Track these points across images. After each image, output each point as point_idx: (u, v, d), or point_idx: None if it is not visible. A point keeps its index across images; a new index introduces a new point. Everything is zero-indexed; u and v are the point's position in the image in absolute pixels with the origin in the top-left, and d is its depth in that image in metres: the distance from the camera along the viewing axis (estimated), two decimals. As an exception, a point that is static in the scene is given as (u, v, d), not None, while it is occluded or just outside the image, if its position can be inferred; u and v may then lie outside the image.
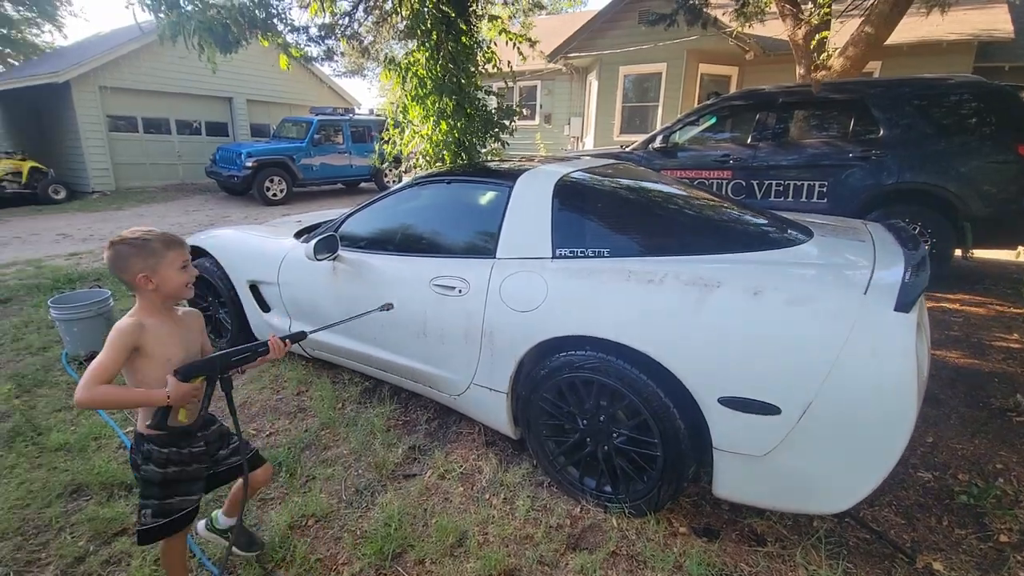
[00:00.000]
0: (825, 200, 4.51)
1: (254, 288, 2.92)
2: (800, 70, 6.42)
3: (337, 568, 1.69)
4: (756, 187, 4.77)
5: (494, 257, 2.04)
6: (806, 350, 1.41)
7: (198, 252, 3.20)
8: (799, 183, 4.61)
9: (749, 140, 4.86)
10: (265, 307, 2.93)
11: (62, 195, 10.61)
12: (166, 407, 1.27)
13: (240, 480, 1.52)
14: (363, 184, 12.57)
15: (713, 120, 5.21)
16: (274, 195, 10.33)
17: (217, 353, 1.39)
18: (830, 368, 1.37)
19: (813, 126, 4.89)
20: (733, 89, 10.10)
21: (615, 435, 1.81)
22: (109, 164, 11.56)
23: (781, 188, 4.69)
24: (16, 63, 17.58)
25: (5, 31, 18.15)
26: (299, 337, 1.57)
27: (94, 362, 1.21)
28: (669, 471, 1.70)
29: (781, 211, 3.15)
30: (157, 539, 1.39)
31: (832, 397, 1.38)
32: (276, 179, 10.32)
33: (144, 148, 12.31)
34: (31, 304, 4.21)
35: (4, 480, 2.10)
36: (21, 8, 18.42)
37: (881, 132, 4.31)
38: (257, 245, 2.95)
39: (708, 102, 5.33)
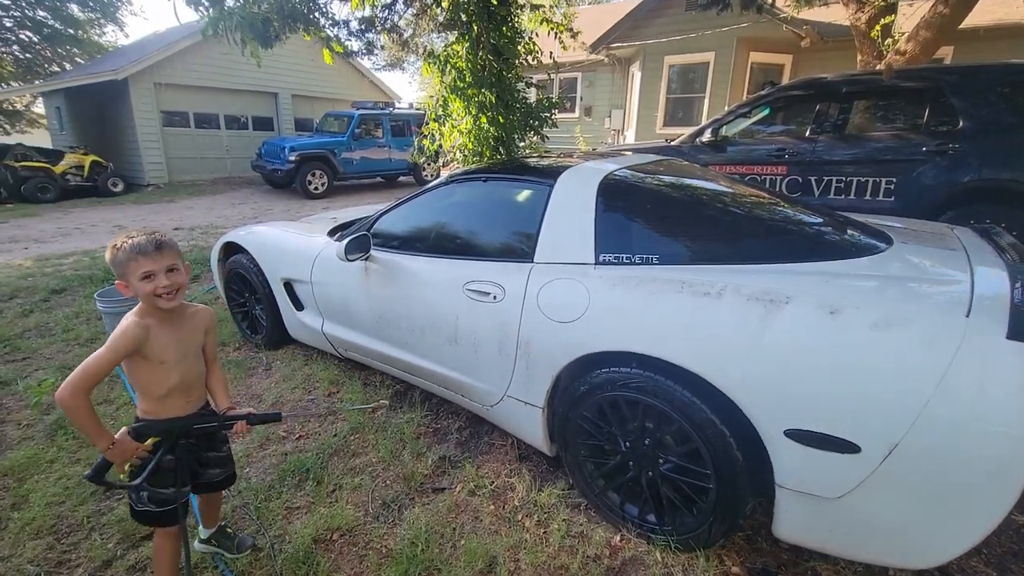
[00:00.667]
0: (892, 199, 4.14)
1: (288, 286, 2.89)
2: (861, 57, 5.96)
3: (361, 589, 1.61)
4: (814, 184, 4.42)
5: (532, 262, 1.90)
6: (895, 382, 1.21)
7: (236, 248, 3.20)
8: (863, 180, 4.25)
9: (807, 133, 4.52)
10: (299, 305, 2.89)
11: (120, 188, 11.12)
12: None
13: (207, 496, 1.66)
14: (402, 178, 12.65)
15: (767, 111, 4.88)
16: (315, 188, 10.49)
17: (178, 417, 1.40)
18: (924, 405, 1.17)
19: (880, 117, 4.50)
20: (786, 79, 9.55)
21: (662, 461, 1.65)
22: (163, 158, 12.04)
23: (842, 185, 4.33)
24: (82, 61, 18.56)
25: (72, 31, 19.15)
26: (272, 419, 1.52)
27: (91, 358, 1.23)
28: (723, 506, 1.52)
29: (841, 211, 2.88)
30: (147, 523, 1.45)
31: (925, 438, 1.18)
32: (318, 172, 10.48)
33: (195, 142, 12.76)
34: (83, 295, 4.36)
35: (44, 475, 2.12)
36: (86, 9, 19.40)
37: (960, 123, 3.91)
38: (291, 242, 2.91)
39: (763, 92, 4.99)
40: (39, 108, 19.53)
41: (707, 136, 4.92)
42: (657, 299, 1.56)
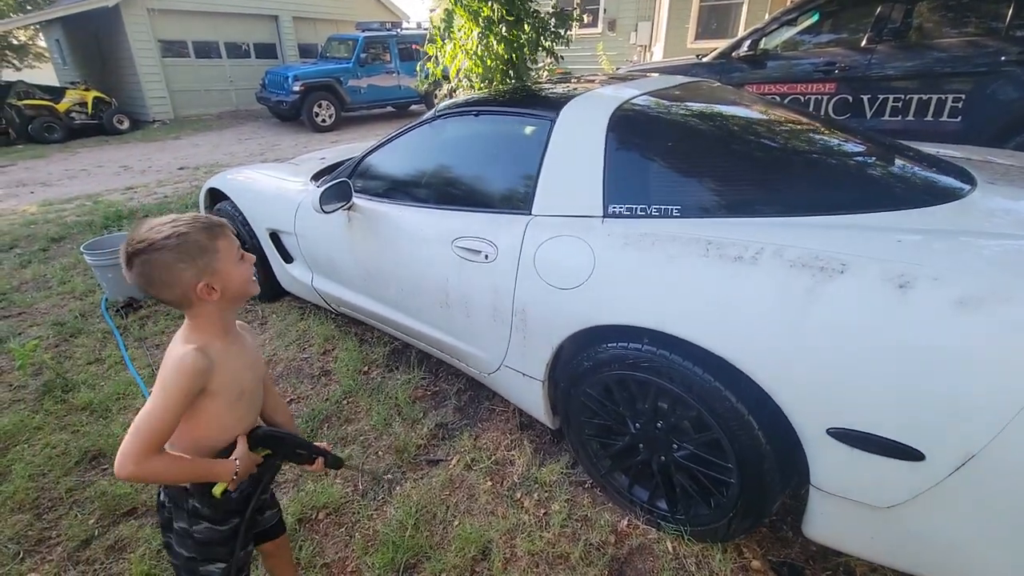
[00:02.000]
0: (959, 119, 3.59)
1: (275, 236, 2.66)
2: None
3: (344, 576, 1.50)
4: (867, 103, 3.87)
5: (530, 213, 1.61)
6: (979, 379, 0.94)
7: (220, 195, 2.97)
8: (925, 97, 3.68)
9: (863, 42, 3.89)
10: (288, 257, 2.68)
11: (126, 125, 10.83)
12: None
13: (275, 547, 1.28)
14: (414, 107, 12.00)
15: (816, 17, 4.21)
16: (323, 121, 10.03)
17: (290, 433, 1.12)
18: (1018, 412, 0.90)
19: (951, 20, 3.81)
20: (839, -22, 8.38)
21: (676, 447, 1.44)
22: (166, 92, 11.61)
23: (899, 104, 3.78)
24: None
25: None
26: (334, 465, 1.18)
27: (144, 419, 0.86)
28: (745, 503, 1.32)
29: (897, 135, 2.44)
30: None
31: (1014, 451, 0.92)
32: (324, 103, 9.96)
33: (197, 74, 12.24)
34: (82, 243, 4.24)
35: (29, 444, 2.05)
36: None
37: (1052, 25, 3.27)
38: (274, 189, 2.65)
39: (812, -7, 4.29)
40: (43, 42, 18.94)
41: (744, 50, 4.32)
42: (675, 263, 1.27)
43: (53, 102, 10.13)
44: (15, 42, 19.74)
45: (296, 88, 9.62)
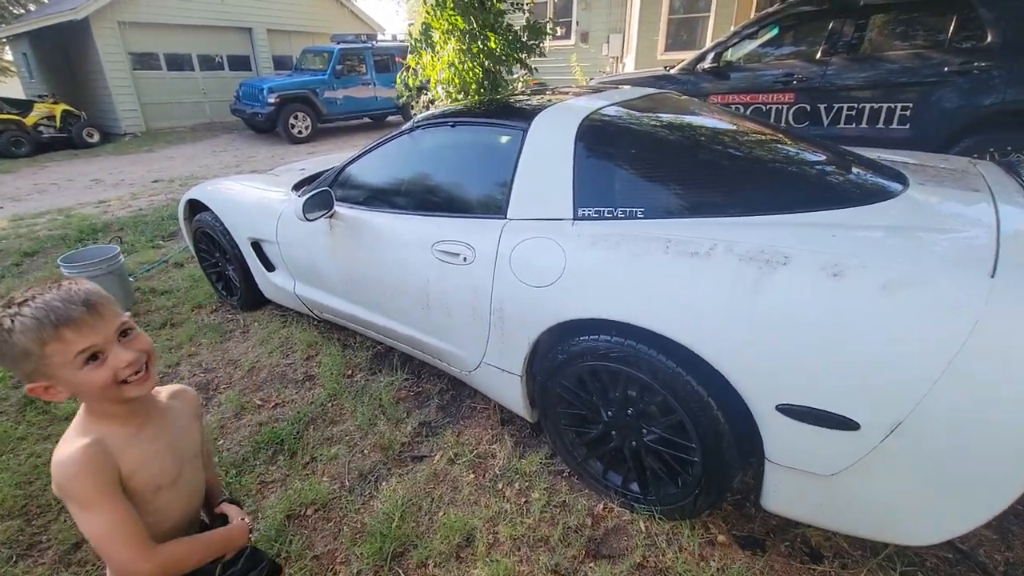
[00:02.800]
0: (907, 126, 3.84)
1: (256, 246, 2.71)
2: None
3: (335, 568, 1.55)
4: (823, 112, 4.10)
5: (505, 217, 1.71)
6: (903, 354, 1.06)
7: (199, 206, 3.00)
8: (876, 106, 3.92)
9: (819, 55, 4.13)
10: (269, 266, 2.73)
11: (96, 138, 10.66)
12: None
13: None
14: (390, 118, 12.06)
15: (775, 31, 4.44)
16: (299, 132, 10.03)
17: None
18: (935, 381, 1.03)
19: (899, 34, 4.08)
20: (799, -8, 8.78)
21: (645, 432, 1.54)
22: (137, 105, 11.46)
23: (853, 113, 4.01)
24: (46, 1, 17.31)
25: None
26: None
27: (95, 529, 0.76)
28: (708, 479, 1.43)
29: (850, 142, 2.62)
30: None
31: (934, 417, 1.05)
32: (300, 115, 9.97)
33: (168, 86, 12.11)
34: (55, 258, 4.18)
35: (13, 454, 2.06)
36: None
37: (988, 38, 3.53)
38: (255, 199, 2.70)
39: (771, 9, 4.55)
40: (9, 56, 18.47)
41: (708, 62, 4.53)
42: (639, 260, 1.39)
43: (20, 116, 9.92)
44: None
45: (271, 100, 9.62)
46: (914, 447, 1.09)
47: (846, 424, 1.14)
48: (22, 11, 17.94)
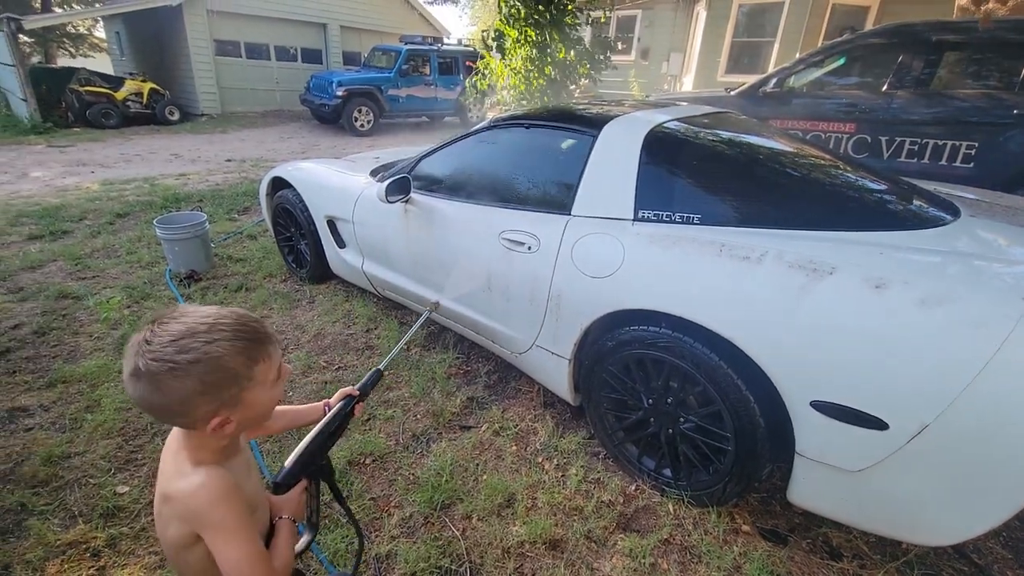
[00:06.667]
0: (971, 165, 3.80)
1: (331, 223, 2.97)
2: (962, 1, 5.31)
3: (389, 510, 1.74)
4: (884, 144, 4.10)
5: (569, 214, 1.88)
6: (934, 363, 1.17)
7: (283, 183, 3.29)
8: (940, 143, 3.90)
9: (884, 87, 4.14)
10: (341, 243, 2.98)
11: (176, 116, 11.43)
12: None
13: None
14: (447, 118, 12.46)
15: (842, 61, 4.47)
16: (361, 126, 10.50)
17: (306, 441, 0.96)
18: (962, 389, 1.13)
19: (970, 73, 4.06)
20: (869, 25, 8.66)
21: (682, 420, 1.67)
22: (216, 88, 12.23)
23: (915, 148, 4.00)
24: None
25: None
26: (374, 378, 1.21)
27: (241, 555, 0.74)
28: (740, 468, 1.55)
29: (910, 175, 2.66)
30: None
31: (959, 421, 1.15)
32: (364, 109, 10.45)
33: (246, 73, 12.87)
34: (144, 220, 4.61)
35: (114, 383, 2.34)
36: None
37: (1064, 84, 3.49)
38: (336, 180, 2.96)
39: (840, 39, 4.57)
40: (101, 32, 20.00)
41: (771, 86, 4.59)
42: (693, 260, 1.52)
43: (112, 90, 10.76)
44: (72, 31, 20.82)
45: (339, 93, 10.11)
46: (938, 449, 1.19)
47: (876, 423, 1.24)
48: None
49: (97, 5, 16.97)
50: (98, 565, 1.52)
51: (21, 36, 9.77)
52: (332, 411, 1.06)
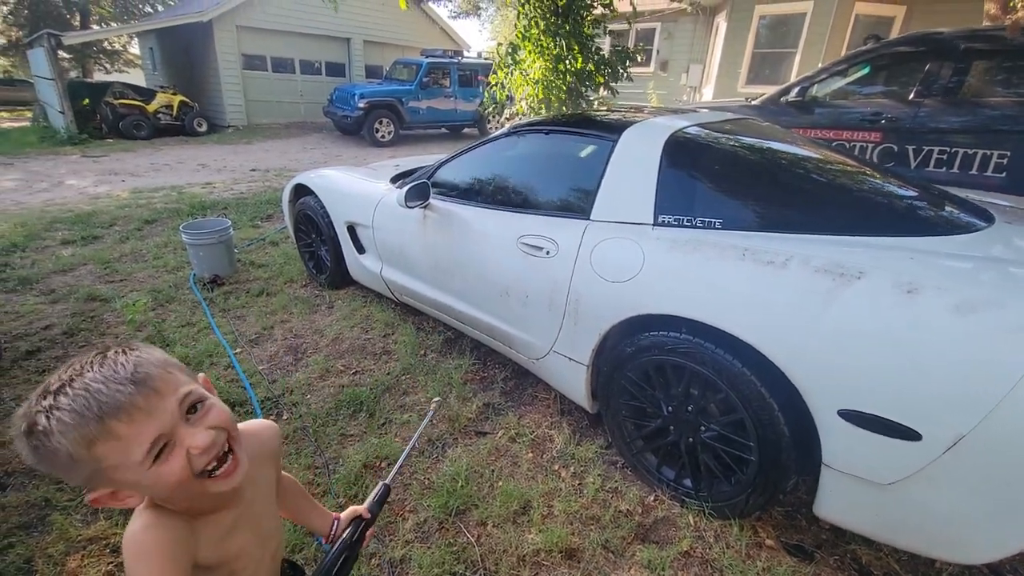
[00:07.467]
0: (1003, 174, 3.69)
1: (351, 229, 3.00)
2: (991, 8, 5.21)
3: (404, 514, 1.73)
4: (911, 153, 4.01)
5: (588, 219, 1.87)
6: (971, 371, 1.12)
7: (305, 190, 3.35)
8: (970, 152, 3.80)
9: (911, 96, 4.05)
10: (360, 249, 3.01)
11: (204, 128, 11.77)
12: None
13: None
14: (466, 130, 12.61)
15: (867, 70, 4.40)
16: (382, 137, 10.67)
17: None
18: (1001, 399, 1.08)
19: (1000, 81, 3.95)
20: (894, 34, 8.53)
21: (703, 428, 1.63)
22: (243, 101, 12.58)
23: (944, 157, 3.90)
24: (173, 3, 19.41)
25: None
26: (382, 497, 1.04)
27: None
28: (763, 479, 1.50)
29: (940, 185, 2.58)
30: None
31: (997, 432, 1.09)
32: (385, 121, 10.62)
33: (271, 86, 13.21)
34: (171, 227, 4.73)
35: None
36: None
37: (1101, 91, 3.37)
38: (356, 187, 3.00)
39: (865, 47, 4.50)
40: (135, 49, 20.81)
41: (793, 95, 4.54)
42: (715, 264, 1.50)
43: (144, 103, 11.15)
44: (108, 47, 21.71)
45: (361, 105, 10.30)
46: (975, 461, 1.13)
47: (908, 434, 1.19)
48: (149, 10, 20.21)
49: (133, 23, 17.67)
50: (117, 561, 1.53)
51: (60, 52, 10.19)
52: (340, 540, 0.92)
